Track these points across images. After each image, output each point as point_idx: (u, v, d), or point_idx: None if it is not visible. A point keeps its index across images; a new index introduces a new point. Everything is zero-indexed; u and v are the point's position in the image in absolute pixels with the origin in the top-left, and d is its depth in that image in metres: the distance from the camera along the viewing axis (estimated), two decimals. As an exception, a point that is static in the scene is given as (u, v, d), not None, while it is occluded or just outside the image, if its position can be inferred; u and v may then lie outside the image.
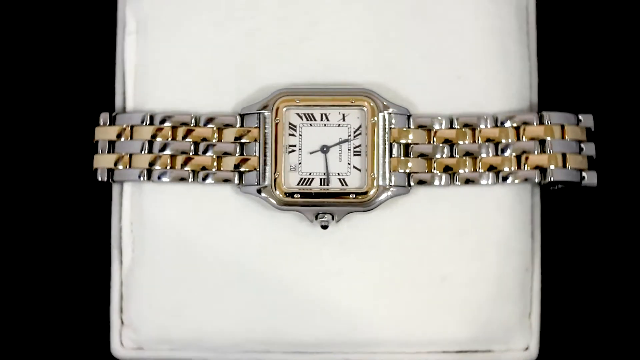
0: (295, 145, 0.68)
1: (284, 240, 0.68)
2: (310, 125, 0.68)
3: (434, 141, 0.68)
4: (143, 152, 0.68)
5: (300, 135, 0.68)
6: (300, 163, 0.67)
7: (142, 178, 0.68)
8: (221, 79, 0.69)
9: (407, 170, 0.67)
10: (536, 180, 0.67)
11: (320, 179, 0.67)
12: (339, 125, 0.68)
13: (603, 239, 0.74)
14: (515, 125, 0.68)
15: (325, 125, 0.68)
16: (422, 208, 0.68)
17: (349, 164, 0.67)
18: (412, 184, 0.67)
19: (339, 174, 0.67)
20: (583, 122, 0.68)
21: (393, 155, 0.67)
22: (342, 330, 0.68)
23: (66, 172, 0.75)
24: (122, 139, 0.69)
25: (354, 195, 0.67)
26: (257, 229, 0.68)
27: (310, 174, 0.67)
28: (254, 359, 0.69)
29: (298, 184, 0.67)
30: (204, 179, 0.68)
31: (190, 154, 0.68)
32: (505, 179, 0.67)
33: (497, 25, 0.69)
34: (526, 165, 0.67)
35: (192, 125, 0.68)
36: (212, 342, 0.69)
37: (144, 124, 0.69)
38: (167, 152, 0.68)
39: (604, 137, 0.72)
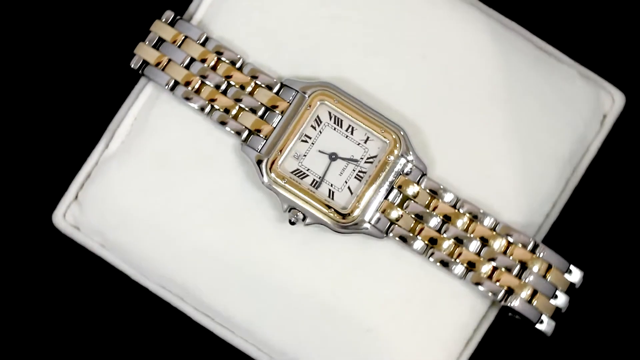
0: (310, 138, 0.67)
1: (251, 214, 0.68)
2: (334, 129, 0.67)
3: (432, 209, 0.67)
4: (182, 65, 0.69)
5: (320, 132, 0.67)
6: (305, 155, 0.67)
7: (167, 87, 0.69)
8: (288, 42, 0.69)
9: (393, 220, 0.67)
10: (497, 298, 0.66)
11: (314, 180, 0.67)
12: (358, 144, 0.67)
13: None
14: (510, 240, 0.67)
15: (346, 137, 0.67)
16: (384, 259, 0.67)
17: (346, 182, 0.67)
18: (390, 234, 0.67)
19: (332, 185, 0.67)
20: (571, 275, 0.67)
21: (388, 199, 0.67)
22: (255, 321, 0.68)
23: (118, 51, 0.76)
24: (174, 43, 0.69)
25: (333, 211, 0.66)
26: (233, 191, 0.68)
27: (308, 170, 0.67)
28: (163, 295, 0.70)
29: (292, 172, 0.67)
30: (221, 122, 0.68)
31: (220, 90, 0.68)
32: (474, 282, 0.66)
33: (548, 144, 0.68)
34: (498, 280, 0.66)
35: (237, 67, 0.69)
36: (139, 262, 0.69)
37: (198, 41, 0.69)
38: (203, 79, 0.68)
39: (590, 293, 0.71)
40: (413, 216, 0.67)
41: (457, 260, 0.67)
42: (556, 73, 0.70)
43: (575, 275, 0.67)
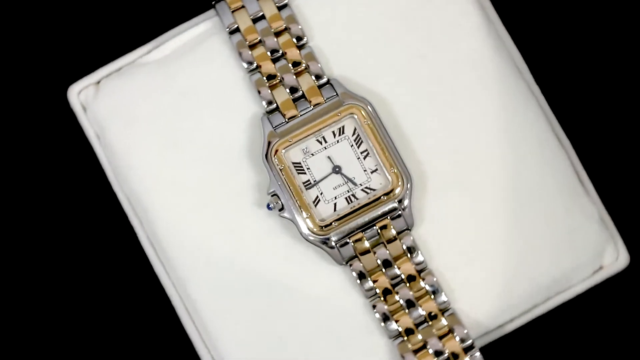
0: (325, 142, 0.67)
1: (236, 181, 0.68)
2: (351, 145, 0.67)
3: (399, 264, 0.66)
4: (251, 16, 0.69)
5: (337, 142, 0.67)
6: (312, 155, 0.67)
7: (227, 29, 0.69)
8: (356, 45, 0.69)
9: (359, 252, 0.66)
10: None
11: (308, 180, 0.67)
12: (364, 170, 0.67)
13: None
14: (452, 329, 0.66)
15: (357, 158, 0.67)
16: (330, 284, 0.67)
17: (336, 198, 0.67)
18: (350, 265, 0.66)
19: (321, 194, 0.67)
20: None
21: (365, 233, 0.66)
22: (189, 276, 0.68)
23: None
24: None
25: (309, 216, 0.66)
26: (232, 149, 0.68)
27: (308, 169, 0.67)
28: (126, 209, 0.70)
29: (293, 164, 0.67)
30: (258, 87, 0.68)
31: (271, 57, 0.68)
32: (400, 352, 0.66)
33: (534, 261, 0.67)
34: (420, 360, 0.66)
35: (297, 44, 0.69)
36: (120, 168, 0.69)
37: (276, 3, 0.69)
38: (262, 39, 0.69)
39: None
40: (378, 260, 0.66)
41: (396, 322, 0.66)
42: (579, 202, 0.69)
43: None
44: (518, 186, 0.68)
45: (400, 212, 0.66)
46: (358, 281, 0.66)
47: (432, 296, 0.66)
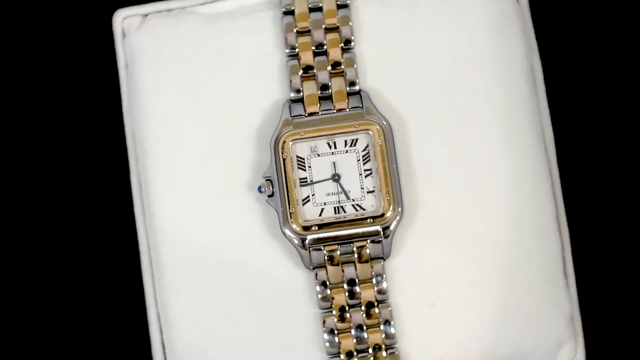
0: (335, 148, 0.67)
1: (238, 158, 0.68)
2: (358, 160, 0.67)
3: (362, 287, 0.66)
4: (309, 5, 0.69)
5: (347, 151, 0.67)
6: (318, 155, 0.67)
7: (283, 9, 0.69)
8: (399, 64, 0.69)
9: (330, 262, 0.66)
10: None
11: (305, 178, 0.67)
12: (362, 188, 0.67)
13: None
14: (389, 366, 0.66)
15: (359, 174, 0.67)
16: (288, 283, 0.67)
17: (325, 204, 0.67)
18: (315, 272, 0.66)
19: (313, 195, 0.67)
20: None
21: (341, 247, 0.66)
22: (168, 250, 0.69)
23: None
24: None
25: (293, 212, 0.66)
26: (244, 127, 0.68)
27: (309, 167, 0.67)
28: (129, 146, 0.72)
29: (297, 157, 0.67)
30: (291, 74, 0.68)
31: (313, 50, 0.68)
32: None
33: (496, 333, 0.67)
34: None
35: (343, 47, 0.68)
36: (135, 102, 0.70)
37: (337, 0, 0.69)
38: (310, 28, 0.69)
39: None
40: (344, 277, 0.66)
41: (340, 342, 0.66)
42: (556, 293, 0.68)
43: None
44: (504, 257, 0.68)
45: (381, 238, 0.66)
46: (319, 294, 0.66)
47: (382, 328, 0.66)
